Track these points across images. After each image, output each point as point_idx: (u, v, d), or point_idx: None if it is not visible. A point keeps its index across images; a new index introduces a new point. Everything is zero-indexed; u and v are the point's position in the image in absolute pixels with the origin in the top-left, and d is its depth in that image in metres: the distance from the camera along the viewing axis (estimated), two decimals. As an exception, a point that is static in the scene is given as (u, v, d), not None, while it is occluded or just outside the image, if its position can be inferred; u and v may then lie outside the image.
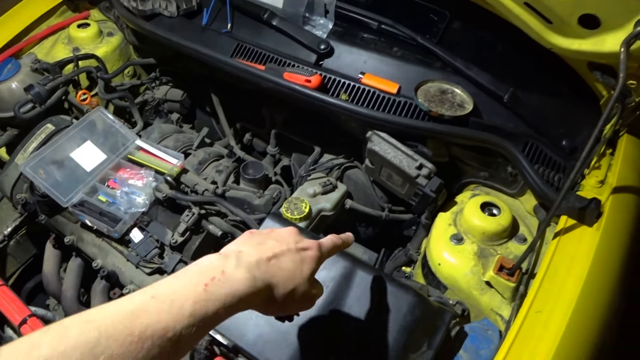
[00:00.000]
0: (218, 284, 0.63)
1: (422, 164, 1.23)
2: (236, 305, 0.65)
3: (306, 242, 0.80)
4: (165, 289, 0.61)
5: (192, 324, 0.58)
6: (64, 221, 1.48)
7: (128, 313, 0.55)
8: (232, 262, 0.68)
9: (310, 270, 0.78)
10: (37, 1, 2.02)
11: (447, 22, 1.42)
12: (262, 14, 1.50)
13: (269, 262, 0.72)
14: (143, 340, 0.54)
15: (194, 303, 0.59)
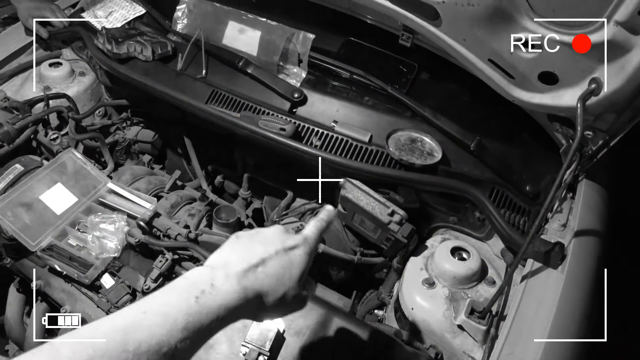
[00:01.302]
0: (209, 297, 0.63)
1: (394, 211, 1.27)
2: (229, 317, 0.65)
3: (292, 240, 0.78)
4: (156, 303, 0.61)
5: (186, 337, 0.59)
6: (30, 265, 1.45)
7: (121, 329, 0.55)
8: (221, 273, 0.68)
9: (301, 271, 0.77)
10: (8, 38, 2.01)
11: (415, 73, 1.49)
12: (237, 62, 1.54)
13: (257, 269, 0.71)
14: (138, 356, 0.54)
15: (187, 316, 0.59)
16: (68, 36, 1.99)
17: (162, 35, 1.74)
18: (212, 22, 1.65)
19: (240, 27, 1.59)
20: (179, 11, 1.73)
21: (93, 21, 1.89)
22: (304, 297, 0.80)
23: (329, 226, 0.87)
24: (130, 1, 1.94)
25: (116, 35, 1.68)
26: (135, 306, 0.60)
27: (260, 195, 1.72)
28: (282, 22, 1.56)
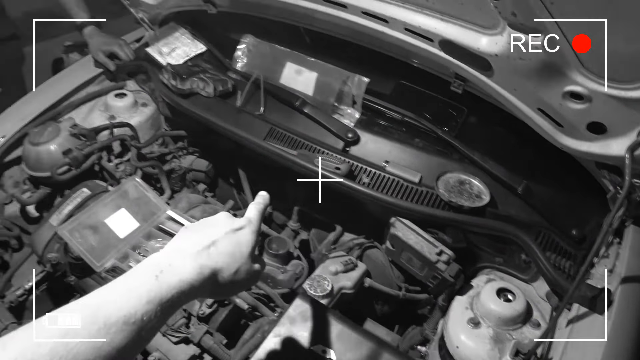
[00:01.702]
0: (168, 274, 0.72)
1: (442, 251, 1.31)
2: (188, 292, 0.73)
3: (238, 222, 0.87)
4: (121, 282, 0.70)
5: (150, 309, 0.66)
6: (93, 284, 1.54)
7: (92, 305, 0.64)
8: (178, 255, 0.77)
9: (250, 247, 0.85)
10: (79, 69, 2.17)
11: (465, 117, 1.54)
12: (294, 101, 1.62)
13: (209, 249, 0.79)
14: (108, 327, 0.61)
15: (149, 291, 0.67)
16: (133, 69, 2.13)
17: (223, 72, 1.85)
18: (271, 62, 1.76)
19: (297, 68, 1.69)
20: (239, 50, 1.84)
21: (157, 56, 2.02)
22: (256, 272, 0.88)
23: (266, 209, 0.96)
24: (192, 38, 2.06)
25: (181, 72, 1.80)
26: (103, 287, 0.68)
27: (308, 227, 1.78)
28: (337, 65, 1.64)
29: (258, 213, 0.92)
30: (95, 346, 0.59)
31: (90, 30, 2.19)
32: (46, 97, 2.01)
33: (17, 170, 1.88)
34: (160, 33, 2.12)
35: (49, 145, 1.78)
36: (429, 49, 1.28)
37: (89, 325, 0.60)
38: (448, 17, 1.18)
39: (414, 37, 1.28)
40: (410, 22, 1.24)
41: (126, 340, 0.62)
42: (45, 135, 1.79)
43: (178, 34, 2.09)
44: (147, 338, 0.67)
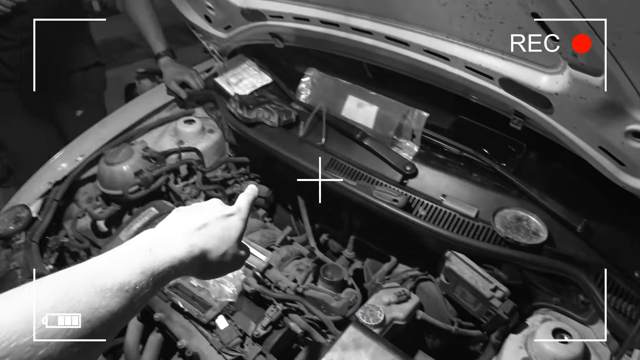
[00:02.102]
0: (160, 249, 0.77)
1: (497, 287, 1.31)
2: (178, 267, 0.78)
3: (229, 209, 0.94)
4: (118, 253, 0.75)
5: (143, 279, 0.71)
6: (155, 298, 1.61)
7: (89, 272, 0.69)
8: (170, 232, 0.83)
9: (238, 233, 0.92)
10: (153, 96, 2.32)
11: (524, 153, 1.54)
12: (355, 133, 1.68)
13: (200, 230, 0.86)
14: (104, 292, 0.66)
15: (142, 262, 0.73)
16: (202, 98, 2.26)
17: (287, 104, 1.93)
18: (333, 95, 1.82)
19: (359, 102, 1.75)
20: (303, 83, 1.92)
21: (225, 86, 2.13)
22: (241, 257, 0.95)
23: (254, 200, 1.03)
24: (259, 70, 2.17)
25: (247, 102, 1.90)
26: (100, 256, 0.74)
27: (363, 257, 1.80)
28: (398, 99, 1.69)
29: (247, 203, 0.99)
30: (92, 307, 0.64)
31: (165, 60, 2.35)
32: (122, 121, 2.18)
33: (91, 187, 2.03)
34: (229, 64, 2.24)
35: (122, 165, 1.91)
36: (488, 87, 1.30)
37: (88, 288, 0.65)
38: (508, 56, 1.20)
39: (474, 74, 1.31)
40: (471, 60, 1.27)
41: (119, 306, 0.67)
42: (119, 156, 1.92)
43: (245, 65, 2.20)
44: (138, 307, 0.72)
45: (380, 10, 1.39)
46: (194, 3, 2.11)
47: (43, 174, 1.99)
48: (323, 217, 1.94)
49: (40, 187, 1.92)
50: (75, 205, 1.99)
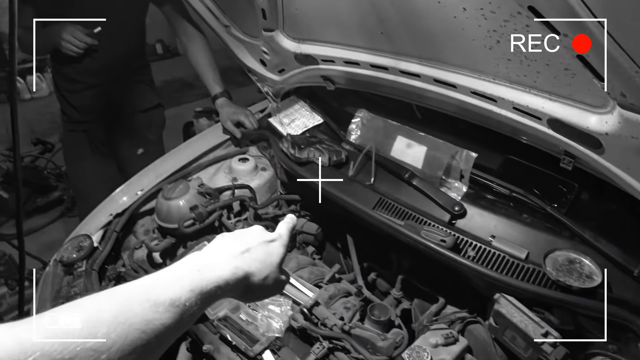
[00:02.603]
0: (208, 269, 0.82)
1: (548, 332, 1.27)
2: (224, 287, 0.83)
3: (270, 235, 1.00)
4: (168, 272, 0.80)
5: (192, 297, 0.76)
6: (205, 330, 1.64)
7: (143, 287, 0.74)
8: (216, 255, 0.88)
9: (279, 258, 0.98)
10: (209, 135, 2.43)
11: (575, 193, 1.51)
12: (403, 173, 1.69)
13: (244, 254, 0.91)
14: (157, 306, 0.70)
15: (191, 281, 0.78)
16: (256, 137, 2.34)
17: (337, 143, 1.98)
18: (382, 136, 1.86)
19: (408, 142, 1.77)
20: (354, 124, 1.97)
21: (278, 126, 2.21)
22: (282, 281, 1.01)
23: (294, 228, 1.10)
24: (310, 111, 2.23)
25: (299, 142, 1.96)
26: (152, 274, 0.79)
27: (411, 297, 1.79)
28: (446, 140, 1.70)
29: (287, 230, 1.05)
30: (147, 319, 0.68)
31: (222, 101, 2.47)
32: (180, 158, 2.28)
33: (149, 220, 2.13)
34: (282, 105, 2.32)
35: (178, 200, 1.98)
36: (537, 127, 1.30)
37: (143, 302, 0.70)
38: (556, 97, 1.20)
39: (522, 115, 1.31)
40: (519, 101, 1.28)
41: (171, 320, 0.71)
42: (176, 192, 2.00)
43: (298, 106, 2.28)
44: (187, 322, 0.76)
45: (428, 53, 1.43)
46: (251, 48, 2.22)
47: (105, 206, 2.10)
48: (371, 256, 1.95)
49: (102, 218, 2.03)
50: (133, 237, 2.09)
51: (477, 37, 1.20)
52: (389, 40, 1.50)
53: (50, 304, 1.71)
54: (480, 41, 1.21)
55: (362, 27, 1.54)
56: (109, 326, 0.64)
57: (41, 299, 1.77)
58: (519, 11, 1.01)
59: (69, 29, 2.38)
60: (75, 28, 2.38)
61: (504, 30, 1.11)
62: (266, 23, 1.87)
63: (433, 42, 1.36)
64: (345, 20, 1.57)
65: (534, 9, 0.94)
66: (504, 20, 1.08)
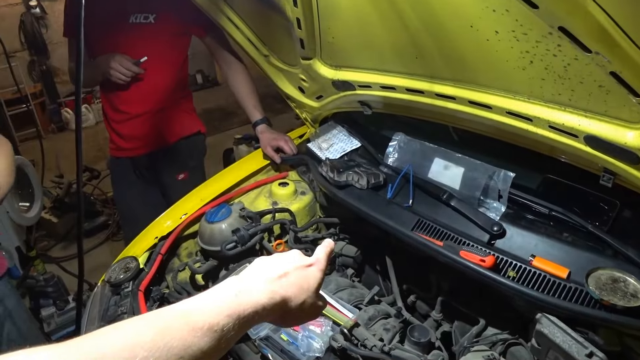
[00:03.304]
0: (245, 294, 0.83)
1: (592, 352, 1.25)
2: (261, 312, 0.84)
3: (308, 260, 1.00)
4: (207, 296, 0.82)
5: (229, 322, 0.77)
6: (246, 350, 1.67)
7: (184, 312, 0.75)
8: (254, 280, 0.89)
9: (317, 283, 0.98)
10: (250, 161, 2.51)
11: (617, 210, 1.48)
12: (441, 194, 1.71)
13: (281, 279, 0.91)
14: (195, 331, 0.72)
15: (229, 306, 0.79)
16: (295, 162, 2.40)
17: (375, 167, 2.01)
18: (420, 158, 1.88)
19: (445, 164, 1.79)
20: (391, 147, 2.00)
21: (317, 151, 2.26)
22: (319, 306, 1.01)
23: (332, 253, 1.10)
24: (348, 135, 2.28)
25: (337, 166, 2.00)
26: (190, 299, 0.80)
27: (451, 319, 1.78)
28: (484, 160, 1.71)
29: (325, 255, 1.06)
30: (185, 344, 0.70)
31: (262, 127, 2.55)
32: (222, 183, 2.36)
33: (192, 243, 2.20)
34: (320, 130, 2.38)
35: (221, 224, 2.04)
36: (574, 145, 1.30)
37: (182, 327, 0.72)
38: (592, 114, 1.21)
39: (559, 133, 1.31)
40: (554, 119, 1.28)
41: (209, 345, 0.73)
42: (218, 215, 2.07)
43: (336, 131, 2.33)
44: (225, 347, 0.78)
45: (462, 76, 1.46)
46: (289, 76, 2.29)
47: (150, 229, 2.19)
48: (411, 278, 1.95)
49: (147, 241, 2.11)
50: (177, 259, 2.16)
51: (510, 58, 1.23)
52: (423, 64, 1.54)
53: (98, 323, 1.78)
54: (513, 62, 1.23)
55: (396, 52, 1.58)
56: (149, 350, 0.66)
57: (90, 318, 1.85)
58: (550, 32, 1.04)
59: (118, 58, 2.53)
60: (123, 57, 2.53)
61: (537, 51, 1.13)
62: (304, 52, 1.93)
63: (467, 64, 1.39)
64: (380, 46, 1.61)
65: (565, 29, 0.97)
66: (536, 41, 1.10)
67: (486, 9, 1.14)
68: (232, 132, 6.39)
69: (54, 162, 6.65)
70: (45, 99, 9.04)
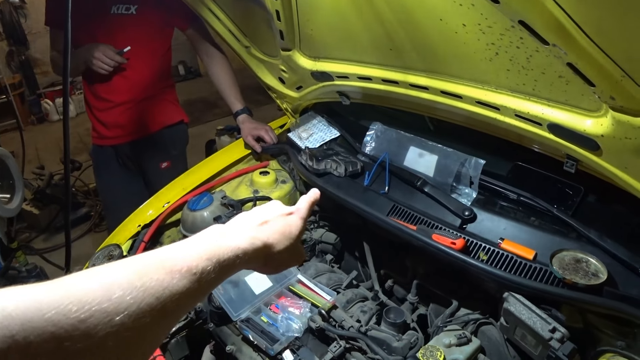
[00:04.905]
0: (225, 239, 0.83)
1: (555, 328, 1.32)
2: (242, 257, 0.84)
3: (289, 208, 1.02)
4: (187, 242, 0.81)
5: (209, 265, 0.77)
6: (228, 332, 1.72)
7: (160, 255, 0.75)
8: (235, 227, 0.90)
9: (298, 230, 0.99)
10: (231, 150, 2.55)
11: (581, 196, 1.56)
12: (416, 181, 1.78)
13: (262, 226, 0.92)
14: (173, 273, 0.71)
15: (208, 249, 0.78)
16: (276, 151, 2.44)
17: (353, 155, 2.07)
18: (396, 146, 1.94)
19: (420, 152, 1.85)
20: (368, 136, 2.06)
21: (297, 140, 2.31)
22: (302, 253, 1.05)
23: (315, 202, 1.10)
24: (327, 125, 2.33)
25: (316, 154, 2.05)
26: (171, 244, 0.80)
27: (426, 302, 1.85)
28: (456, 148, 1.78)
29: (307, 204, 1.07)
30: (163, 285, 0.70)
31: (243, 117, 2.59)
32: (203, 172, 2.39)
33: (174, 231, 2.24)
34: (300, 120, 2.42)
35: (203, 212, 2.08)
36: (539, 133, 1.37)
37: (159, 268, 0.71)
38: (554, 103, 1.27)
39: (524, 122, 1.38)
40: (520, 108, 1.35)
41: (187, 287, 0.73)
42: (200, 203, 2.11)
43: (316, 121, 2.38)
44: (204, 291, 0.78)
45: (434, 67, 1.51)
46: (270, 67, 2.33)
47: (134, 217, 2.22)
48: (388, 264, 2.02)
49: (130, 229, 2.14)
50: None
51: (477, 50, 1.29)
52: (398, 56, 1.59)
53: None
54: (480, 54, 1.29)
55: (372, 44, 1.63)
56: (125, 290, 0.65)
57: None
58: (512, 25, 1.10)
59: (101, 47, 2.54)
60: (106, 47, 2.54)
61: (501, 43, 1.20)
62: (284, 43, 1.97)
63: (438, 56, 1.45)
64: (357, 38, 1.66)
65: (524, 23, 1.03)
66: (500, 34, 1.17)
67: (454, 3, 1.20)
68: (214, 124, 6.40)
69: (34, 153, 6.58)
70: (24, 90, 8.93)
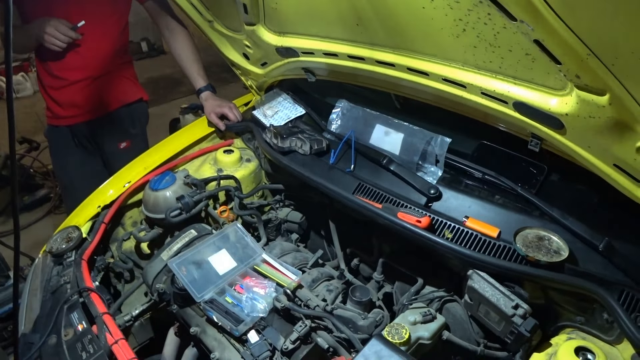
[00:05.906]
0: None
1: (518, 304, 1.34)
2: None
3: None
4: None
5: None
6: (192, 313, 1.70)
7: None
8: None
9: None
10: (195, 128, 2.48)
11: (545, 175, 1.58)
12: (381, 159, 1.76)
13: None
14: None
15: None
16: (240, 129, 2.39)
17: (319, 133, 2.04)
18: (362, 125, 1.93)
19: (386, 130, 1.84)
20: (334, 114, 2.04)
21: (262, 118, 2.27)
22: None
23: None
24: (293, 103, 2.29)
25: (281, 132, 2.02)
26: None
27: (392, 281, 1.85)
28: (422, 127, 1.77)
29: None
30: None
31: (206, 94, 2.51)
32: (166, 151, 2.33)
33: (136, 212, 2.18)
34: (265, 98, 2.38)
35: (165, 191, 2.03)
36: (504, 111, 1.37)
37: None
38: (520, 81, 1.27)
39: (490, 100, 1.38)
40: (486, 86, 1.34)
41: None
42: (163, 183, 2.05)
43: (281, 98, 2.34)
44: None
45: (401, 43, 1.49)
46: (234, 42, 2.27)
47: (93, 198, 2.15)
48: (354, 242, 2.01)
49: (90, 210, 2.07)
50: (121, 229, 2.14)
51: (444, 26, 1.27)
52: (364, 32, 1.56)
53: (40, 294, 1.75)
54: (448, 30, 1.27)
55: (338, 19, 1.60)
56: None
57: (31, 289, 1.81)
58: (480, 0, 1.08)
59: (53, 22, 2.39)
60: (59, 22, 2.40)
61: (469, 19, 1.18)
62: (248, 17, 1.92)
63: (405, 32, 1.42)
64: (323, 13, 1.62)
65: (492, -3, 1.01)
66: (467, 9, 1.15)
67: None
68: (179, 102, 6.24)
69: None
70: (-24, 67, 8.54)
